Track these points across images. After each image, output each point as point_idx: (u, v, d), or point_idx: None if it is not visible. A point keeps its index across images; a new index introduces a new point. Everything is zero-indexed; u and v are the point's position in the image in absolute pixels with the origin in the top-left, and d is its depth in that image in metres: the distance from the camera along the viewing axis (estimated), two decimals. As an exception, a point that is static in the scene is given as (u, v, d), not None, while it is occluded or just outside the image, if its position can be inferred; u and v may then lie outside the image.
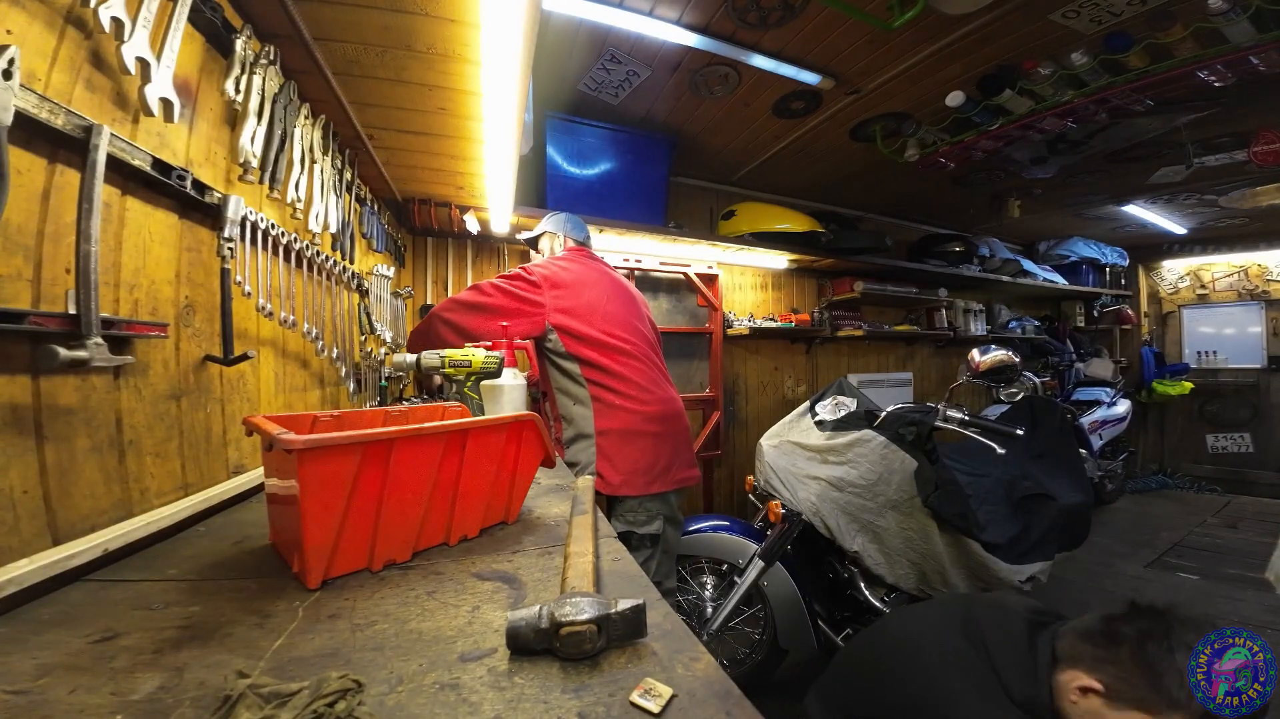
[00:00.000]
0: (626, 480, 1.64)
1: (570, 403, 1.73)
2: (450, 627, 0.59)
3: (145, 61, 0.79)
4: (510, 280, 1.72)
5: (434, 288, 2.65)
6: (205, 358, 1.01)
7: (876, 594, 1.97)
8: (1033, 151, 2.94)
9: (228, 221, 0.99)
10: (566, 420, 1.73)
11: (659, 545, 1.70)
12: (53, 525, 0.68)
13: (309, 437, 0.65)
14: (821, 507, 1.90)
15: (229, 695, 0.43)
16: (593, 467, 1.64)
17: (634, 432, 1.69)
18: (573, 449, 1.70)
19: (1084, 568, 3.09)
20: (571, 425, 1.72)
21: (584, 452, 1.67)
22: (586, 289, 1.79)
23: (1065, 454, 2.39)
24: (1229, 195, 3.80)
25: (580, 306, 1.75)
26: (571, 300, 1.74)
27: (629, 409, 1.70)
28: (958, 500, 1.87)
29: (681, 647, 0.55)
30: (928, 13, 1.87)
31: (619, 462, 1.65)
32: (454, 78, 1.32)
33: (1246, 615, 2.50)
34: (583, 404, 1.71)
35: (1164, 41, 1.97)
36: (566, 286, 1.76)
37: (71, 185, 0.70)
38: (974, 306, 4.61)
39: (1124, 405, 4.49)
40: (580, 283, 1.79)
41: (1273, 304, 5.12)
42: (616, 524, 1.58)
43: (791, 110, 2.60)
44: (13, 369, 0.63)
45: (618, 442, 1.67)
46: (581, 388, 1.72)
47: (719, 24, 2.00)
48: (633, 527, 1.63)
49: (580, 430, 1.70)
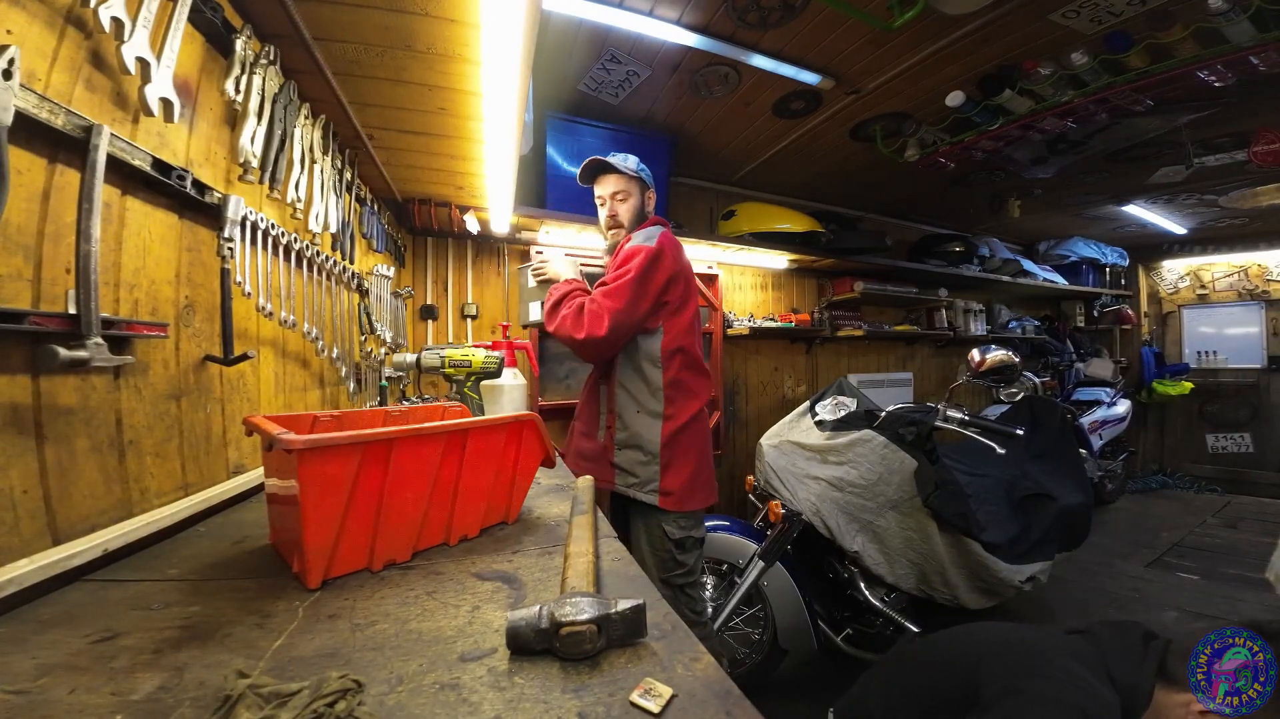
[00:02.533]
0: (691, 495, 1.54)
1: (631, 404, 1.56)
2: (450, 627, 0.59)
3: (145, 61, 0.79)
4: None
5: (434, 288, 2.65)
6: (205, 358, 1.01)
7: (876, 594, 1.98)
8: (1033, 152, 2.94)
9: (228, 221, 0.99)
10: (620, 420, 1.56)
11: (703, 544, 1.68)
12: (53, 525, 0.68)
13: (309, 437, 0.65)
14: (821, 507, 1.91)
15: (229, 695, 0.43)
16: (655, 483, 1.51)
17: (698, 444, 1.59)
18: (627, 457, 1.54)
19: (1084, 568, 3.09)
20: (626, 429, 1.55)
21: (645, 467, 1.52)
22: (691, 276, 1.65)
23: (1065, 454, 2.39)
24: (1229, 195, 3.80)
25: (690, 296, 1.62)
26: (685, 286, 1.61)
27: (698, 418, 1.60)
28: (958, 500, 1.87)
29: (681, 647, 0.55)
30: (928, 13, 1.87)
31: (685, 474, 1.54)
32: (454, 78, 1.32)
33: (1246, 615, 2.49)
34: (649, 412, 1.54)
35: (1164, 41, 1.97)
36: (687, 266, 1.62)
37: (71, 185, 0.70)
38: (974, 306, 4.61)
39: (1124, 405, 4.49)
40: (688, 267, 1.64)
41: (1273, 304, 5.12)
42: (672, 531, 1.49)
43: (791, 110, 2.60)
44: (13, 369, 0.63)
45: (684, 453, 1.55)
46: (656, 393, 1.55)
47: (719, 24, 1.99)
48: (687, 531, 1.54)
49: (639, 440, 1.54)
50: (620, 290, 1.47)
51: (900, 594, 1.97)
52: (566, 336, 1.49)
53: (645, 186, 1.69)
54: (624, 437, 1.55)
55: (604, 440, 1.58)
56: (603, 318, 1.46)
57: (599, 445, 1.59)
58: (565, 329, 1.49)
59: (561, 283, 1.58)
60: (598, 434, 1.60)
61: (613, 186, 1.66)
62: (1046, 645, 0.93)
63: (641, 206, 1.68)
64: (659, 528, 1.51)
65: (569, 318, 1.49)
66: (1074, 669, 0.85)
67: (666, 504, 1.49)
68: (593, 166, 1.65)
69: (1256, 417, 5.12)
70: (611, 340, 1.47)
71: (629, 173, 1.63)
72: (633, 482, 1.52)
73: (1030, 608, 2.56)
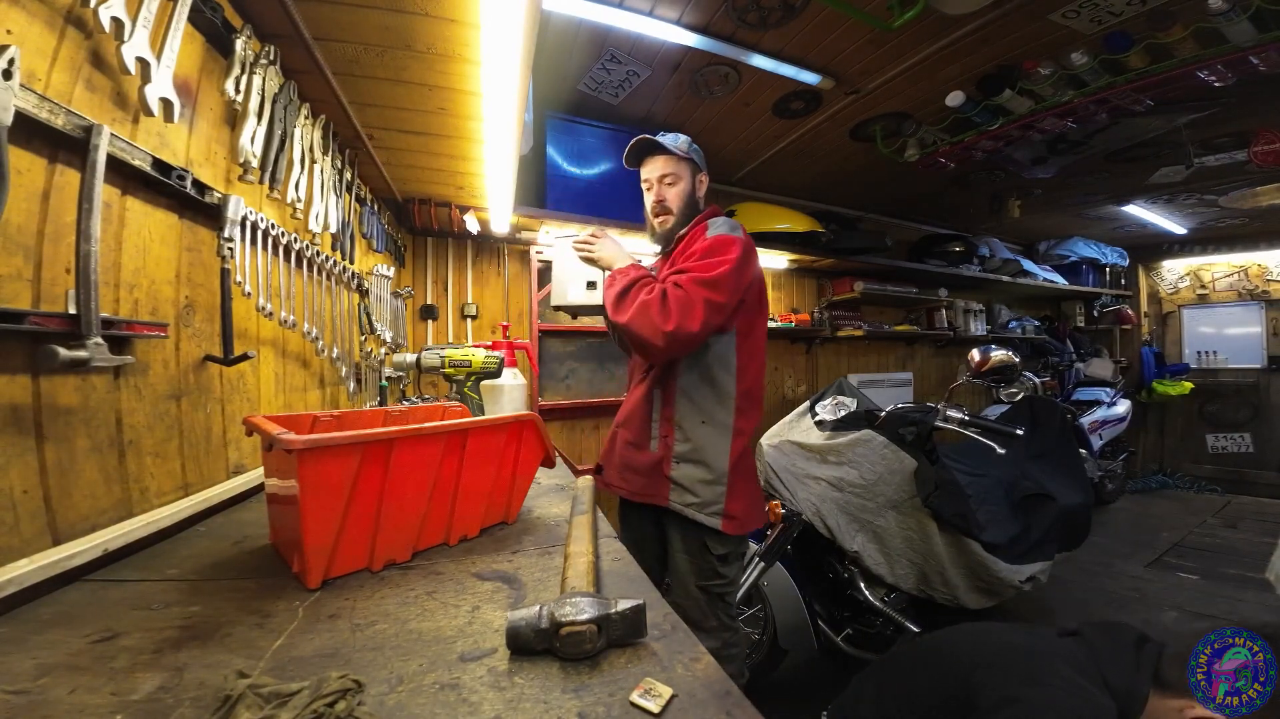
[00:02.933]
0: (751, 517, 1.41)
1: (695, 414, 1.37)
2: (450, 627, 0.59)
3: (145, 61, 0.79)
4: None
5: (434, 288, 2.65)
6: (205, 358, 1.01)
7: (876, 594, 1.97)
8: (1033, 151, 2.94)
9: (228, 221, 0.99)
10: (680, 430, 1.37)
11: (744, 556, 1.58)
12: (53, 525, 0.68)
13: (309, 437, 0.65)
14: (821, 507, 1.90)
15: (229, 695, 0.43)
16: (720, 505, 1.35)
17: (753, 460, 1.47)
18: (687, 473, 1.36)
19: (1084, 568, 3.08)
20: (688, 442, 1.36)
21: (709, 487, 1.35)
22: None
23: (1065, 454, 2.39)
24: (1229, 195, 3.80)
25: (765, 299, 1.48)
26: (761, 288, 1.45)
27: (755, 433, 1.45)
28: (958, 500, 1.87)
29: (681, 647, 0.56)
30: (928, 13, 1.87)
31: (749, 495, 1.41)
32: (454, 78, 1.32)
33: (1246, 615, 2.50)
34: (717, 425, 1.37)
35: (1164, 41, 1.97)
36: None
37: (71, 185, 0.70)
38: (974, 306, 4.61)
39: (1124, 405, 4.49)
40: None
41: (1273, 304, 5.12)
42: (716, 547, 1.36)
43: (791, 110, 2.60)
44: (13, 369, 0.63)
45: (749, 473, 1.43)
46: (727, 403, 1.38)
47: (719, 24, 1.99)
48: (731, 547, 1.40)
49: (703, 455, 1.36)
50: (721, 281, 1.28)
51: (900, 594, 1.97)
52: (646, 328, 1.25)
53: (697, 169, 1.51)
54: (685, 450, 1.36)
55: (658, 452, 1.38)
56: (696, 309, 1.25)
57: (651, 458, 1.38)
58: (647, 319, 1.25)
59: (625, 267, 1.36)
60: (649, 445, 1.40)
61: (660, 169, 1.47)
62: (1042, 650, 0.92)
63: (692, 191, 1.50)
64: (699, 541, 1.37)
65: (651, 306, 1.25)
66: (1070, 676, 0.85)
67: (729, 529, 1.35)
68: (640, 147, 1.48)
69: (1256, 417, 5.12)
70: (701, 336, 1.27)
71: (679, 153, 1.46)
72: (691, 501, 1.35)
73: (1030, 608, 2.56)
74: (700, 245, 1.35)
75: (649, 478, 1.38)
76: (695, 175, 1.51)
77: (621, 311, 1.30)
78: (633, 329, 1.27)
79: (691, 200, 1.49)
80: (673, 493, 1.36)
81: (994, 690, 0.86)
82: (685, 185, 1.48)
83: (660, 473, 1.37)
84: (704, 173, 1.53)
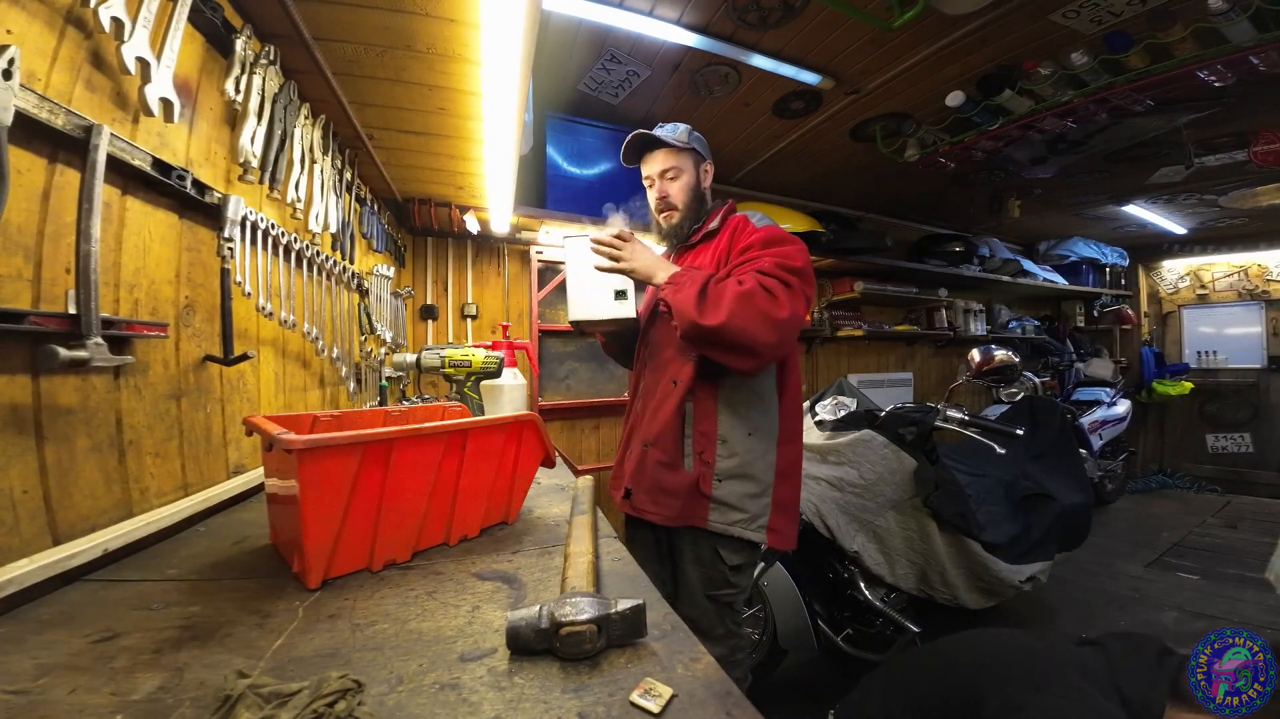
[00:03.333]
0: (793, 527, 1.33)
1: (741, 426, 1.26)
2: (450, 627, 0.59)
3: (145, 61, 0.79)
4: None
5: (434, 288, 2.65)
6: (205, 358, 1.01)
7: (876, 594, 1.97)
8: (1033, 151, 2.94)
9: (228, 221, 0.99)
10: (725, 445, 1.25)
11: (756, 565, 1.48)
12: (53, 525, 0.68)
13: (309, 437, 0.65)
14: (821, 507, 1.90)
15: (229, 695, 0.43)
16: (765, 519, 1.26)
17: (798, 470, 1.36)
18: (733, 490, 1.24)
19: (1084, 568, 3.08)
20: (734, 456, 1.25)
21: (756, 499, 1.25)
22: None
23: (1065, 454, 2.39)
24: (1229, 195, 3.80)
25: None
26: None
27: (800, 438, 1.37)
28: (958, 500, 1.87)
29: (681, 646, 0.56)
30: (928, 13, 1.87)
31: (794, 506, 1.33)
32: (454, 78, 1.32)
33: (1246, 615, 2.50)
34: (764, 434, 1.28)
35: (1164, 41, 1.97)
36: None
37: (71, 185, 0.70)
38: (974, 306, 4.61)
39: (1124, 405, 4.49)
40: None
41: (1273, 304, 5.12)
42: (730, 556, 1.27)
43: (791, 110, 2.60)
44: (13, 369, 0.63)
45: (794, 482, 1.34)
46: (772, 409, 1.29)
47: (719, 24, 1.99)
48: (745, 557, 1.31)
49: (750, 469, 1.25)
50: (805, 271, 1.18)
51: (900, 594, 1.97)
52: (754, 320, 1.10)
53: (700, 159, 1.40)
54: (730, 465, 1.24)
55: (694, 471, 1.25)
56: (797, 295, 1.14)
57: (686, 478, 1.25)
58: (753, 310, 1.10)
59: (689, 270, 1.22)
60: (682, 463, 1.26)
61: (661, 164, 1.37)
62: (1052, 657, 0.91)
63: (698, 183, 1.40)
64: (712, 550, 1.27)
65: (755, 296, 1.10)
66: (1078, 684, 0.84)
67: (775, 542, 1.28)
68: (637, 142, 1.38)
69: (1256, 417, 5.12)
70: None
71: (679, 144, 1.36)
72: (738, 518, 1.24)
73: (1030, 608, 2.56)
74: (757, 235, 1.25)
75: (686, 499, 1.25)
76: (699, 166, 1.41)
77: (711, 312, 1.11)
78: (734, 327, 1.10)
79: (698, 193, 1.40)
80: (713, 513, 1.24)
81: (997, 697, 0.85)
82: (689, 178, 1.38)
83: (699, 493, 1.24)
84: (708, 161, 1.43)
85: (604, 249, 1.25)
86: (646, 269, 1.25)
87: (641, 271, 1.25)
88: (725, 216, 1.37)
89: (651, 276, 1.24)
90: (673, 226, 1.40)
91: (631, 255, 1.25)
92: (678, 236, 1.41)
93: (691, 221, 1.39)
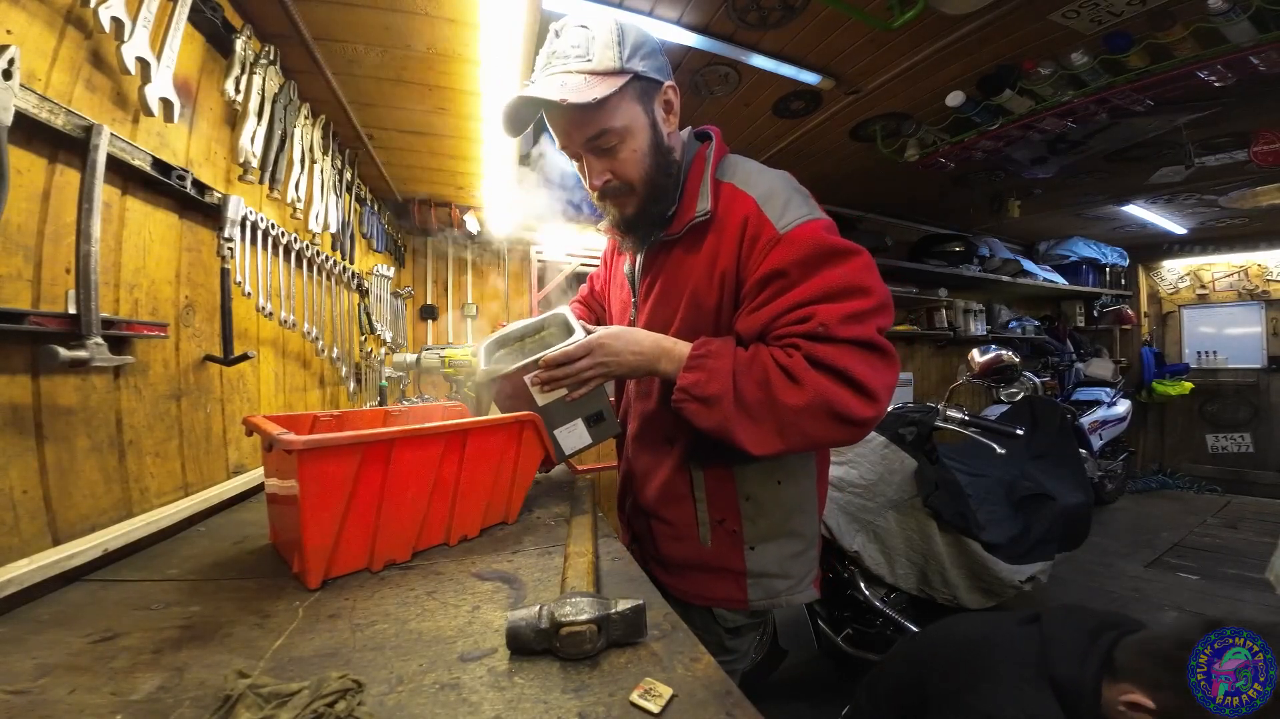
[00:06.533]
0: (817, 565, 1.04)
1: (769, 476, 0.93)
2: (450, 627, 0.59)
3: (145, 61, 0.79)
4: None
5: (434, 288, 2.65)
6: (205, 358, 1.01)
7: (876, 594, 1.97)
8: (1033, 151, 2.94)
9: (228, 221, 0.99)
10: (753, 503, 0.93)
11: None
12: (53, 525, 0.68)
13: (309, 437, 0.65)
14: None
15: (229, 695, 0.43)
16: (813, 573, 1.00)
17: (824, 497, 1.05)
18: (773, 554, 0.94)
19: (1084, 568, 3.08)
20: (766, 515, 0.93)
21: (800, 559, 0.97)
22: None
23: (1065, 454, 2.39)
24: (1229, 195, 3.80)
25: None
26: None
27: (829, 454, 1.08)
28: (958, 500, 1.87)
29: (681, 647, 0.55)
30: (928, 13, 1.87)
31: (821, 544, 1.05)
32: (454, 77, 1.32)
33: (1246, 616, 2.50)
34: (799, 476, 0.96)
35: (1164, 41, 1.97)
36: None
37: (71, 185, 0.70)
38: (974, 306, 4.61)
39: (1124, 405, 4.49)
40: None
41: (1273, 304, 5.12)
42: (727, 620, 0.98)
43: (791, 110, 2.60)
44: (13, 369, 0.63)
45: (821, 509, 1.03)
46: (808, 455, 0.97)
47: (719, 24, 1.99)
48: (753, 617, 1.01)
49: (790, 524, 0.95)
50: (887, 303, 0.84)
51: (900, 594, 1.97)
52: (829, 430, 0.77)
53: (650, 87, 0.85)
54: (763, 528, 0.93)
55: (719, 544, 0.93)
56: (890, 359, 0.80)
57: (707, 552, 0.94)
58: (826, 420, 0.76)
59: (714, 355, 0.81)
60: (699, 535, 0.94)
61: (582, 129, 0.84)
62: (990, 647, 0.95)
63: (656, 135, 0.87)
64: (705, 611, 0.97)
65: (829, 400, 0.75)
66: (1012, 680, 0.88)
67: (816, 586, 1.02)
68: (519, 113, 0.87)
69: (1256, 417, 5.12)
70: None
71: (605, 83, 0.79)
72: (784, 586, 0.95)
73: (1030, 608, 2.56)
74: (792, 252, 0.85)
75: (713, 576, 0.95)
76: (652, 101, 0.86)
77: (762, 436, 0.78)
78: (800, 447, 0.82)
79: (661, 149, 0.87)
80: (754, 590, 0.94)
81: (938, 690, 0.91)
82: (644, 138, 0.85)
83: (731, 568, 0.93)
84: (667, 82, 0.87)
85: (560, 376, 0.87)
86: (635, 363, 0.87)
87: (630, 369, 0.88)
88: (716, 191, 0.90)
89: (652, 368, 0.87)
90: (632, 217, 0.90)
91: (602, 362, 0.87)
92: (645, 227, 0.93)
93: (663, 199, 0.90)
